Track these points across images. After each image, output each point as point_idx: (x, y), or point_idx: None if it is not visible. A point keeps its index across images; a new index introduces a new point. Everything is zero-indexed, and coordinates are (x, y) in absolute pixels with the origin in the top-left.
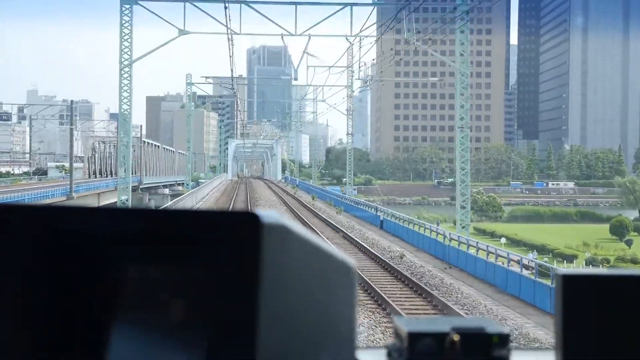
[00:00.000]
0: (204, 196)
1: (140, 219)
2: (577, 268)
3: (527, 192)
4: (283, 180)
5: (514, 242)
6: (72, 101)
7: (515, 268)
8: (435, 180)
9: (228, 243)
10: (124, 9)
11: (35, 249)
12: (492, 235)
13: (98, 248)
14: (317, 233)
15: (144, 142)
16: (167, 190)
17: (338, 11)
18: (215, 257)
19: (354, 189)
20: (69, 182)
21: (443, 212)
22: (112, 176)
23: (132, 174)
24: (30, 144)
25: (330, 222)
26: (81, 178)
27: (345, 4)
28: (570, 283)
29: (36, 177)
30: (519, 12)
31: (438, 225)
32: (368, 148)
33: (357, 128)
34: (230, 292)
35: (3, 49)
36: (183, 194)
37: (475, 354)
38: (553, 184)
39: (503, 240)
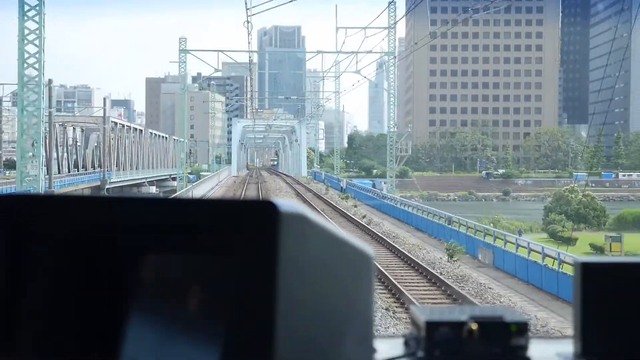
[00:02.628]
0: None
1: (157, 208)
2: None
3: (592, 184)
4: (311, 177)
5: None
6: (50, 80)
7: None
8: (483, 172)
9: (246, 232)
10: None
11: (52, 240)
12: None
13: (116, 238)
14: None
15: (115, 124)
16: (153, 189)
17: None
18: (233, 246)
19: (384, 182)
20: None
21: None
22: (87, 170)
23: (92, 168)
24: None
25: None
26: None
27: None
28: (588, 271)
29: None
30: None
31: (520, 234)
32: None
33: (373, 115)
34: (248, 281)
35: None
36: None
37: (493, 342)
38: (624, 175)
39: None
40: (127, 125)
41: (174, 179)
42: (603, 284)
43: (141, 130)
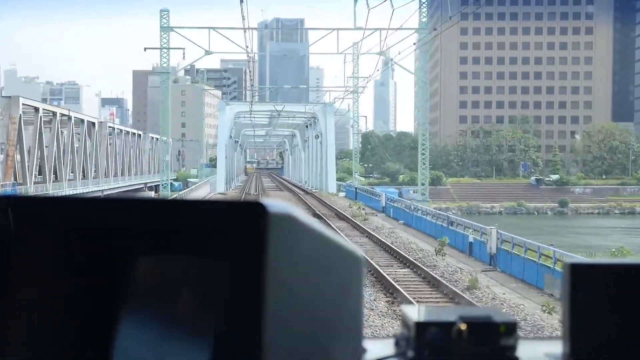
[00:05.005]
0: None
1: (147, 209)
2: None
3: None
4: (345, 195)
5: None
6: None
7: None
8: (532, 178)
9: (235, 233)
10: None
11: (50, 241)
12: None
13: (109, 238)
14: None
15: (54, 114)
16: None
17: None
18: (222, 246)
19: (413, 190)
20: None
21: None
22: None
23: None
24: None
25: None
26: None
27: None
28: (577, 272)
29: None
30: None
31: None
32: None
33: (378, 114)
34: (237, 281)
35: None
36: None
37: (482, 343)
38: None
39: None
40: (75, 117)
41: (151, 188)
42: (592, 285)
43: (93, 123)
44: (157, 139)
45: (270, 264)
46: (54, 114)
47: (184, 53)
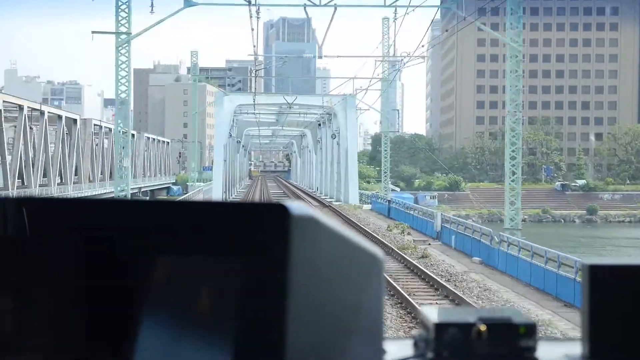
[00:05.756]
0: None
1: (170, 210)
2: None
3: None
4: (371, 208)
5: None
6: None
7: None
8: (557, 183)
9: (257, 235)
10: None
11: (66, 242)
12: None
13: (129, 239)
14: None
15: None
16: None
17: None
18: (244, 248)
19: (430, 196)
20: None
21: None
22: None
23: None
24: None
25: None
26: None
27: None
28: (596, 273)
29: None
30: None
31: None
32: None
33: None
34: (259, 283)
35: None
36: None
37: (501, 344)
38: None
39: None
40: (49, 113)
41: (146, 194)
42: (611, 287)
43: (74, 121)
44: (154, 139)
45: (292, 266)
46: (20, 107)
47: (208, 76)
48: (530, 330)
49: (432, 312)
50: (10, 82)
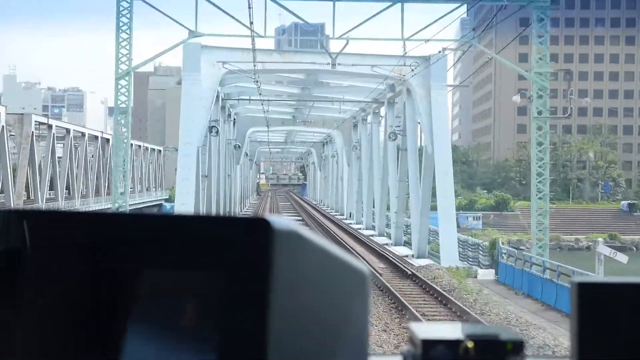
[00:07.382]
0: None
1: (149, 223)
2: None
3: None
4: (497, 277)
5: None
6: None
7: None
8: (623, 203)
9: (240, 248)
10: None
11: (63, 254)
12: None
13: (112, 252)
14: None
15: None
16: None
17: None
18: (227, 262)
19: (474, 217)
20: None
21: None
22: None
23: None
24: None
25: None
26: None
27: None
28: (585, 291)
29: None
30: None
31: None
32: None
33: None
34: (241, 298)
35: None
36: None
37: None
38: None
39: None
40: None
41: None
42: (601, 304)
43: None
44: (146, 148)
45: (275, 281)
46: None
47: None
48: (517, 347)
49: (420, 328)
50: (9, 89)
